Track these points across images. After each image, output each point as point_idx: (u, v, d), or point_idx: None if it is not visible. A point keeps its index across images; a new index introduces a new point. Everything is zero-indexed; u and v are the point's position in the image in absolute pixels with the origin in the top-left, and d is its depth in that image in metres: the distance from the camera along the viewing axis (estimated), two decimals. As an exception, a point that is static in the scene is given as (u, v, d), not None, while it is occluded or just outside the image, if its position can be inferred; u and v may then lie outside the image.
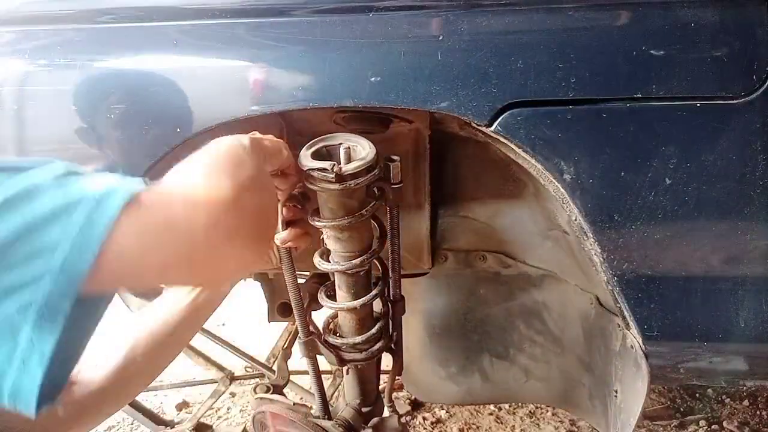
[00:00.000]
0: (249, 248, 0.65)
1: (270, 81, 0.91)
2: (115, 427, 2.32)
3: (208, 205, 0.60)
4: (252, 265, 0.72)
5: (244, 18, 0.91)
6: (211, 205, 0.60)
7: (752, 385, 1.00)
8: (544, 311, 1.44)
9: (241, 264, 0.68)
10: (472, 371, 1.57)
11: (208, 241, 0.59)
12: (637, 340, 0.95)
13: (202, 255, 0.60)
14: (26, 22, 0.97)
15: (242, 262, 0.68)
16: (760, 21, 0.81)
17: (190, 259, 0.59)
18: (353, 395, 1.12)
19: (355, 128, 0.97)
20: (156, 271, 0.58)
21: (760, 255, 0.89)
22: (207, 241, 0.59)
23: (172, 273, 0.60)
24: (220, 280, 0.69)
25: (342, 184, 0.80)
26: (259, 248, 0.68)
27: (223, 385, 2.37)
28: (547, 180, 0.88)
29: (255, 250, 0.67)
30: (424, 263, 1.28)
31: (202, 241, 0.59)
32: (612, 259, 0.90)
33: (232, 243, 0.61)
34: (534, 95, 0.85)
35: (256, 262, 0.71)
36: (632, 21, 0.84)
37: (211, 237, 0.59)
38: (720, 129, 0.84)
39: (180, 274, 0.62)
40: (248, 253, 0.66)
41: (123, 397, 0.91)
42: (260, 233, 0.68)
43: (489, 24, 0.85)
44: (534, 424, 2.19)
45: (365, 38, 0.88)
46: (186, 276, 0.64)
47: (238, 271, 0.71)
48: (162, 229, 0.56)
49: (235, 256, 0.64)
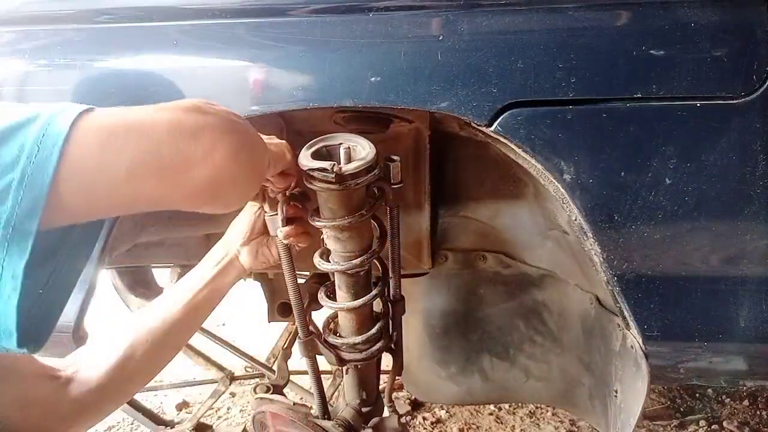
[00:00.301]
0: (224, 160, 0.60)
1: (270, 81, 0.91)
2: (115, 427, 2.32)
3: (170, 108, 0.58)
4: (231, 190, 0.65)
5: (244, 18, 0.91)
6: (172, 108, 0.58)
7: (752, 385, 1.00)
8: (544, 311, 1.44)
9: (217, 180, 0.61)
10: (472, 371, 1.57)
11: (172, 139, 0.56)
12: (637, 340, 0.95)
13: (168, 157, 0.56)
14: (26, 22, 0.97)
15: (218, 178, 0.61)
16: (760, 21, 0.81)
17: (157, 163, 0.55)
18: (353, 395, 1.12)
19: (355, 128, 0.97)
20: (123, 181, 0.53)
21: (760, 255, 0.89)
22: (170, 138, 0.56)
23: (140, 183, 0.55)
24: (196, 197, 0.61)
25: (342, 184, 0.80)
26: (237, 169, 0.62)
27: (223, 385, 2.37)
28: (547, 180, 0.88)
29: (232, 168, 0.61)
30: (424, 263, 1.28)
31: (166, 140, 0.55)
32: (612, 259, 0.90)
33: (198, 142, 0.57)
34: (534, 95, 0.85)
35: (235, 187, 0.65)
36: (632, 21, 0.84)
37: (175, 134, 0.56)
38: (720, 129, 0.84)
39: (150, 184, 0.56)
40: (224, 167, 0.60)
41: (122, 395, 0.92)
42: (240, 152, 0.62)
43: (489, 24, 0.85)
44: (534, 424, 2.19)
45: (365, 38, 0.88)
46: (157, 187, 0.57)
47: (216, 191, 0.62)
48: (122, 130, 0.54)
49: (207, 164, 0.58)
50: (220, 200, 0.65)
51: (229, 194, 0.66)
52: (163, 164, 0.56)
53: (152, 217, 1.16)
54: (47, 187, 0.48)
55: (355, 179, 0.81)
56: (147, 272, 2.07)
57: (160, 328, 0.90)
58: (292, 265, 0.93)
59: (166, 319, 0.91)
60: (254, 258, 1.00)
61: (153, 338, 0.89)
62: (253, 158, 0.67)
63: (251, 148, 0.66)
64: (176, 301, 0.94)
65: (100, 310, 1.39)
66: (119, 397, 0.91)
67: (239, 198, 0.71)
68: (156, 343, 0.89)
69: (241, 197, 0.72)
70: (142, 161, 0.54)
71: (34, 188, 0.47)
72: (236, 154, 0.61)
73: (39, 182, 0.47)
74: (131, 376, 0.89)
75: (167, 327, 0.91)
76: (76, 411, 0.81)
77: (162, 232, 1.21)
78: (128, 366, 0.86)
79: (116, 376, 0.85)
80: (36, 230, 0.48)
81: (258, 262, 1.01)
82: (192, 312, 0.95)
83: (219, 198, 0.64)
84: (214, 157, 0.59)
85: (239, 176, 0.64)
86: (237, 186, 0.66)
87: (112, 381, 0.84)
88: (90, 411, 0.84)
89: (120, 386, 0.88)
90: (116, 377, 0.85)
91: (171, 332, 0.92)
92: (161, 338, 0.90)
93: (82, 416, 0.83)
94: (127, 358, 0.86)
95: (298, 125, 1.06)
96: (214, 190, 0.61)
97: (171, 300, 0.94)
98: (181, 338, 0.97)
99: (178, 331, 0.94)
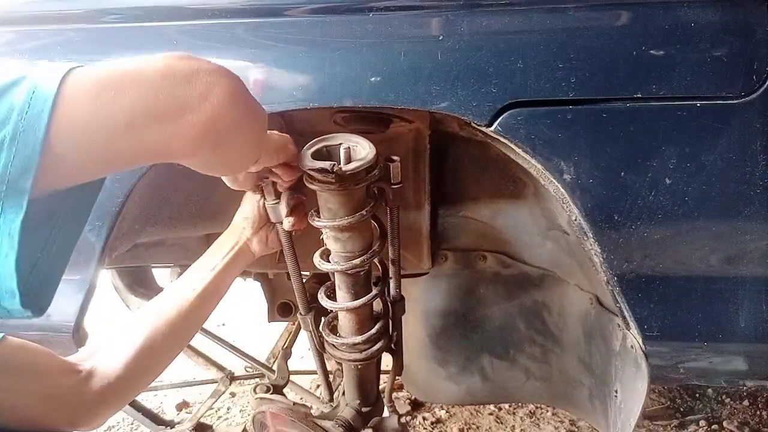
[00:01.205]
0: (221, 103, 0.58)
1: (270, 81, 0.91)
2: (115, 427, 2.32)
3: (161, 56, 0.57)
4: (234, 138, 0.63)
5: (244, 18, 0.91)
6: (163, 57, 0.57)
7: (752, 385, 1.00)
8: (544, 311, 1.44)
9: (216, 124, 0.59)
10: (472, 371, 1.57)
11: (167, 84, 0.55)
12: (637, 340, 0.95)
13: (165, 103, 0.55)
14: (26, 22, 0.97)
15: (217, 122, 0.59)
16: (760, 21, 0.81)
17: (154, 110, 0.54)
18: (353, 395, 1.12)
19: (355, 128, 0.97)
20: (122, 132, 0.52)
21: (760, 255, 0.89)
22: (165, 83, 0.55)
23: (140, 132, 0.54)
24: (197, 144, 0.59)
25: (342, 184, 0.80)
26: (236, 113, 0.61)
27: (223, 385, 2.37)
28: (547, 180, 0.88)
29: (230, 111, 0.60)
30: (424, 263, 1.28)
31: (161, 85, 0.55)
32: (612, 259, 0.90)
33: (193, 86, 0.56)
34: (534, 95, 0.85)
35: (237, 135, 0.63)
36: (632, 21, 0.84)
37: (170, 79, 0.55)
38: (720, 129, 0.84)
39: (149, 132, 0.55)
40: (221, 110, 0.59)
41: (142, 383, 0.94)
42: (237, 96, 0.61)
43: (489, 24, 0.85)
44: (534, 424, 2.19)
45: (365, 38, 0.88)
46: (156, 135, 0.55)
47: (218, 138, 0.60)
48: (115, 81, 0.53)
49: (204, 107, 0.57)
50: (224, 151, 0.64)
51: (231, 143, 0.64)
52: (160, 111, 0.55)
53: (152, 217, 1.16)
54: (40, 143, 0.47)
55: (355, 179, 0.81)
56: (147, 272, 2.07)
57: (177, 317, 0.93)
58: (292, 248, 1.00)
59: (182, 308, 0.94)
60: (264, 245, 1.04)
61: (170, 328, 0.91)
62: (251, 105, 0.66)
63: (247, 94, 0.65)
64: (191, 289, 0.96)
65: (100, 310, 1.39)
66: (140, 386, 0.94)
67: (242, 152, 0.68)
68: (173, 333, 0.92)
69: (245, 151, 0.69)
70: (139, 109, 0.53)
71: (27, 145, 0.47)
72: (233, 97, 0.60)
73: (31, 139, 0.47)
74: (151, 365, 0.91)
75: (183, 315, 0.93)
76: (99, 402, 0.83)
77: (162, 232, 1.21)
78: (148, 356, 0.88)
79: (136, 367, 0.87)
80: (30, 188, 0.47)
81: (268, 248, 1.05)
82: (206, 299, 0.97)
83: (221, 146, 0.63)
84: (211, 100, 0.58)
85: (239, 123, 0.63)
86: (239, 134, 0.64)
87: (133, 371, 0.86)
88: (112, 400, 0.86)
89: (140, 375, 0.90)
90: (137, 367, 0.87)
91: (187, 320, 0.94)
92: (178, 327, 0.93)
93: (105, 406, 0.85)
94: (147, 348, 0.88)
95: (298, 125, 1.06)
96: (215, 136, 0.60)
97: (186, 288, 0.96)
98: (196, 325, 1.00)
99: (193, 319, 0.96)
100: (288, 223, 0.92)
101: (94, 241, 0.98)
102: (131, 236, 1.12)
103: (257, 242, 1.03)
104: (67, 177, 0.53)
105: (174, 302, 0.94)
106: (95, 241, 0.98)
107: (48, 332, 1.03)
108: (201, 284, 0.97)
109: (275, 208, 0.94)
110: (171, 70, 0.56)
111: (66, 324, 1.02)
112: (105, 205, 0.96)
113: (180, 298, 0.94)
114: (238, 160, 0.70)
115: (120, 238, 1.06)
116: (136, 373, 0.87)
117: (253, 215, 1.02)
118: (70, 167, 0.52)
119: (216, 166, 0.68)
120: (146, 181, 0.97)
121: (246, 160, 0.72)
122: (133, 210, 1.05)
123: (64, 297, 1.00)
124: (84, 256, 0.99)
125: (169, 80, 0.56)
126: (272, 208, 0.94)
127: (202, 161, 0.65)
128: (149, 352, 0.88)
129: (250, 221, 1.02)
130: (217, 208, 1.18)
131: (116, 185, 0.95)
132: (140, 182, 0.96)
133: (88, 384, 0.82)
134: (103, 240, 0.98)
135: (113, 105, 0.52)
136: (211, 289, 0.97)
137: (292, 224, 0.93)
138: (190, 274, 0.99)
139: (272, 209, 0.94)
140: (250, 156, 0.72)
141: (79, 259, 0.99)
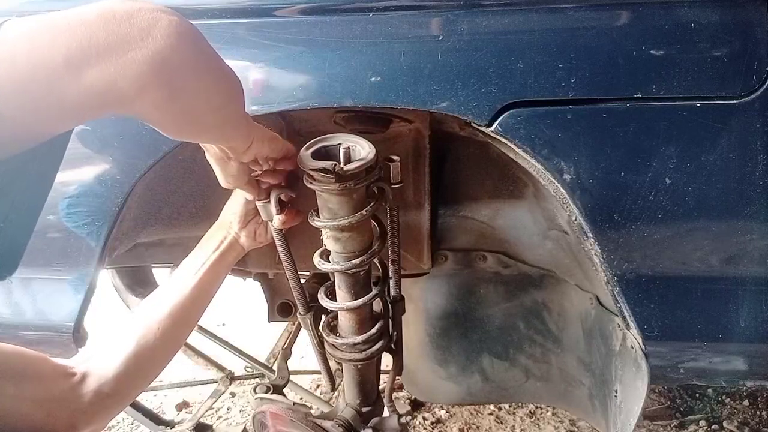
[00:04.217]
0: (164, 37, 0.54)
1: (270, 81, 0.91)
2: (115, 427, 2.33)
3: (101, 2, 0.54)
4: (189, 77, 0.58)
5: (244, 18, 0.91)
6: (103, 1, 0.54)
7: (752, 385, 1.00)
8: (544, 311, 1.44)
9: (163, 59, 0.55)
10: (472, 371, 1.57)
11: (104, 22, 0.52)
12: (637, 340, 0.95)
13: (104, 40, 0.51)
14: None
15: (164, 57, 0.55)
16: (760, 21, 0.81)
17: (93, 48, 0.51)
18: (353, 395, 1.12)
19: (355, 128, 0.97)
20: (63, 73, 0.50)
21: (760, 255, 0.89)
22: (102, 22, 0.52)
23: (81, 72, 0.51)
24: (146, 81, 0.54)
25: (342, 184, 0.80)
26: (186, 49, 0.56)
27: (223, 385, 2.37)
28: (547, 180, 0.88)
29: (178, 46, 0.55)
30: (424, 263, 1.28)
31: (98, 23, 0.51)
32: (612, 259, 0.90)
33: (133, 23, 0.53)
34: (534, 95, 0.85)
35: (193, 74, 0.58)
36: (632, 21, 0.84)
37: (107, 18, 0.52)
38: (720, 129, 0.84)
39: (93, 72, 0.51)
40: (167, 45, 0.54)
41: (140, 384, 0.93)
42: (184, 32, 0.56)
43: (489, 24, 0.85)
44: (534, 424, 2.19)
45: (365, 38, 0.88)
46: (101, 74, 0.52)
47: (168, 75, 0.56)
48: (50, 25, 0.50)
49: (146, 42, 0.53)
50: (182, 97, 0.59)
51: (189, 89, 0.59)
52: (100, 47, 0.52)
53: (152, 217, 1.16)
54: None
55: (355, 179, 0.81)
56: (147, 272, 2.07)
57: (170, 313, 0.93)
58: (286, 245, 0.99)
59: (175, 304, 0.94)
60: (252, 239, 1.06)
61: (163, 325, 0.91)
62: (206, 50, 0.61)
63: (199, 36, 0.60)
64: (183, 285, 0.96)
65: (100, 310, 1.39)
66: (138, 386, 0.93)
67: (209, 103, 0.62)
68: (167, 329, 0.92)
69: (213, 105, 0.63)
70: (76, 46, 0.51)
71: None
72: (179, 33, 0.56)
73: None
74: (146, 365, 0.90)
75: (177, 311, 0.93)
76: (96, 404, 0.83)
77: (162, 232, 1.21)
78: (143, 356, 0.88)
79: (131, 367, 0.86)
80: None
81: (256, 242, 1.07)
82: (199, 295, 0.97)
83: (177, 91, 0.58)
84: (154, 35, 0.54)
85: (195, 65, 0.58)
86: (196, 79, 0.59)
87: (129, 372, 0.86)
88: (110, 402, 0.86)
89: (137, 376, 0.89)
90: (132, 367, 0.86)
91: (181, 316, 0.94)
92: (171, 324, 0.92)
93: (103, 408, 0.84)
94: (141, 348, 0.88)
95: (298, 125, 1.06)
96: (165, 75, 0.56)
97: (178, 284, 0.97)
98: (190, 322, 1.00)
99: (187, 314, 0.96)
100: (278, 220, 0.93)
101: (94, 241, 0.98)
102: (131, 236, 1.12)
103: (245, 236, 1.05)
104: (21, 138, 0.51)
105: (166, 301, 0.94)
106: (95, 241, 0.98)
107: (48, 332, 1.03)
108: (192, 281, 0.97)
109: (266, 207, 0.94)
110: (110, 10, 0.53)
111: (66, 324, 1.02)
112: (105, 205, 0.96)
113: (172, 296, 0.94)
114: (208, 114, 0.64)
115: (120, 238, 1.06)
116: (132, 373, 0.87)
117: (239, 209, 1.03)
118: (19, 125, 0.50)
119: (183, 121, 0.62)
120: (146, 181, 0.97)
121: (221, 119, 0.66)
122: (133, 210, 1.05)
123: (64, 297, 1.00)
124: (84, 256, 0.99)
125: (108, 18, 0.53)
126: (263, 207, 0.95)
127: (163, 113, 0.59)
128: (144, 352, 0.88)
129: (237, 216, 1.04)
130: (217, 208, 1.18)
131: (116, 185, 0.95)
132: (140, 182, 0.96)
133: (84, 387, 0.81)
134: (103, 240, 0.98)
135: (51, 45, 0.49)
136: (202, 285, 0.98)
137: (283, 222, 0.94)
138: (181, 271, 0.99)
139: (263, 208, 0.95)
140: (226, 115, 0.66)
141: (79, 259, 0.99)
